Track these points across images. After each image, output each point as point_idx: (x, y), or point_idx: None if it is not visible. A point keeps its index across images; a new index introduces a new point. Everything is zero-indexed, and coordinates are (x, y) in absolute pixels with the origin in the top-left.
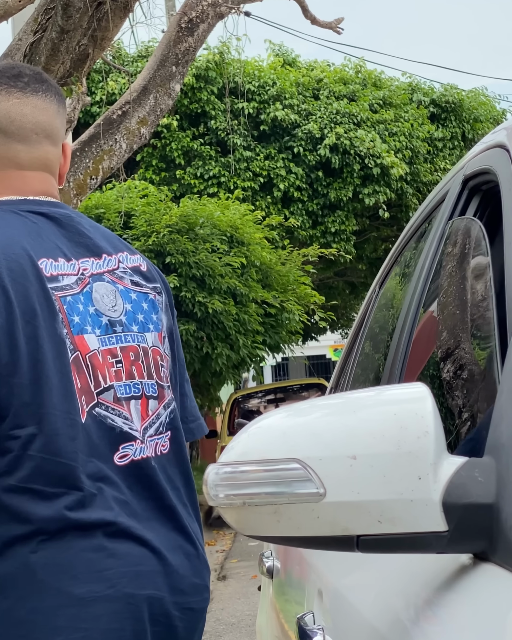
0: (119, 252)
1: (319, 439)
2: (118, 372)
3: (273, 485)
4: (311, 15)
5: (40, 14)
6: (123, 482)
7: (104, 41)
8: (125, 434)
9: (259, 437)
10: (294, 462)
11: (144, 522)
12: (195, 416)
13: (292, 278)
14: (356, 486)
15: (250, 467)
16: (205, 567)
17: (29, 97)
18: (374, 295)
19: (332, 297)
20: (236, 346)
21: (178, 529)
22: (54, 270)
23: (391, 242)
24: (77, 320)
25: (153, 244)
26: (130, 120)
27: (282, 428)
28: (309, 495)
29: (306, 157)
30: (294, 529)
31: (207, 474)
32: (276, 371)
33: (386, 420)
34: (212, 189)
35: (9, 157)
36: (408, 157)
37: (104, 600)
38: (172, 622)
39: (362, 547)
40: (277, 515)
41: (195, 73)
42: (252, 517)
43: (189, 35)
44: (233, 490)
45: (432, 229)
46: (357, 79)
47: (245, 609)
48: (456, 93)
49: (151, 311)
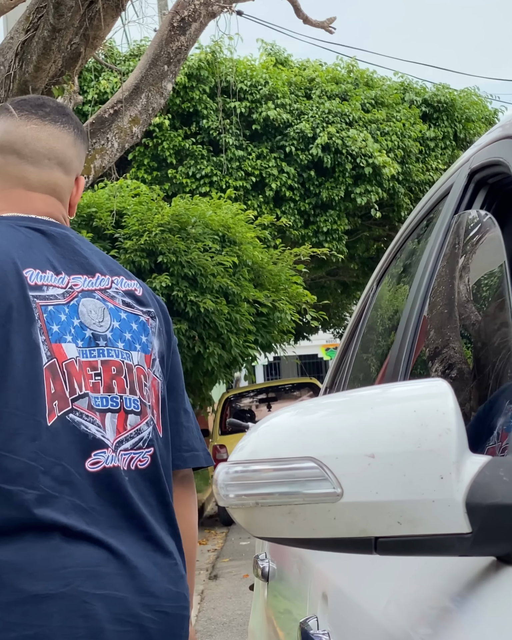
0: (114, 275)
1: (335, 436)
2: (96, 384)
3: (287, 485)
4: (303, 14)
5: (32, 12)
6: (93, 488)
7: (95, 40)
8: (98, 441)
9: (270, 436)
10: (309, 461)
11: (109, 529)
12: (191, 447)
13: (284, 277)
14: (375, 486)
15: (262, 466)
16: (180, 580)
17: (46, 125)
18: (371, 292)
19: (324, 296)
20: (228, 345)
21: (147, 539)
22: (39, 280)
23: (382, 241)
24: (56, 329)
25: (145, 243)
26: (122, 119)
27: (295, 425)
28: (325, 495)
29: (297, 157)
30: (309, 530)
31: (217, 474)
32: (267, 370)
33: (405, 417)
34: (204, 188)
35: (18, 177)
36: (400, 157)
37: (57, 598)
38: (142, 623)
39: (380, 550)
40: (292, 516)
41: (187, 72)
42: (265, 518)
43: (181, 34)
44: (245, 490)
45: (435, 224)
46: (349, 79)
47: (236, 608)
48: (448, 93)
49: (140, 332)
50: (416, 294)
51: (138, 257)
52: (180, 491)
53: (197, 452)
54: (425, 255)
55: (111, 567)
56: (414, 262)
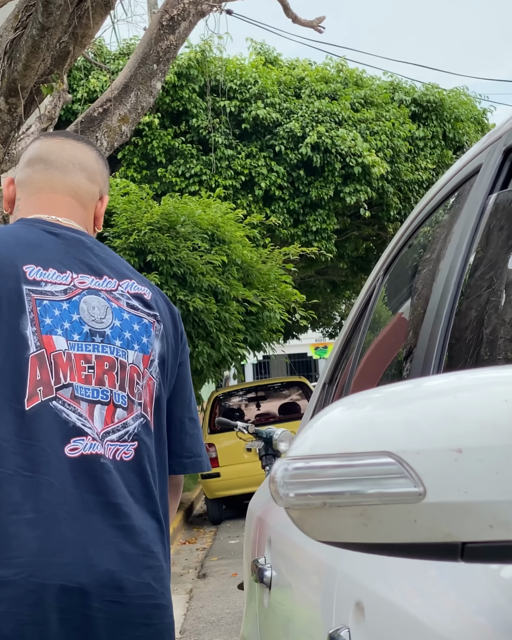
0: (124, 279)
1: (415, 428)
2: (88, 376)
3: (360, 483)
4: (292, 13)
5: (21, 10)
6: (70, 472)
7: (84, 38)
8: (77, 428)
9: (335, 429)
10: (385, 456)
11: (80, 512)
12: (193, 453)
13: (273, 276)
14: (462, 484)
15: (330, 462)
16: (146, 570)
17: (69, 141)
18: (376, 283)
19: (313, 295)
20: (217, 344)
21: (119, 527)
22: (39, 277)
23: (372, 240)
24: (48, 321)
25: (134, 242)
26: (112, 118)
27: (367, 417)
28: (404, 495)
29: (287, 156)
30: (384, 534)
31: (275, 471)
32: (257, 369)
33: (496, 406)
34: (193, 187)
35: (45, 181)
36: (389, 156)
37: (7, 585)
38: (89, 612)
39: (468, 557)
40: (364, 518)
41: (176, 71)
42: (332, 520)
43: (171, 33)
44: (308, 489)
45: (462, 206)
46: (338, 78)
47: (225, 607)
48: (437, 92)
49: (141, 333)
50: (445, 280)
51: (127, 256)
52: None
53: (199, 458)
54: (453, 239)
55: (66, 557)
56: (438, 248)
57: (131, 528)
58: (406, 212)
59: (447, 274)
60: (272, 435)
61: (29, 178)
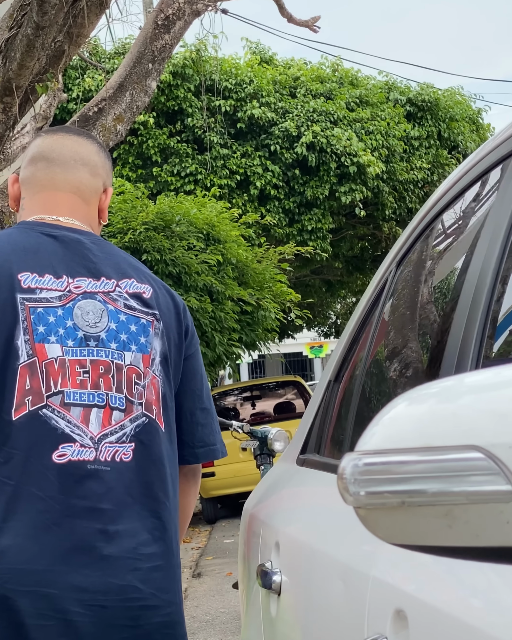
0: (123, 278)
1: (507, 420)
2: (84, 381)
3: (444, 480)
4: (287, 13)
5: (16, 10)
6: (57, 479)
7: (79, 38)
8: (66, 435)
9: (411, 421)
10: (473, 451)
11: (62, 519)
12: (205, 442)
13: (268, 276)
14: None
15: (409, 457)
16: (132, 573)
17: (71, 136)
18: (388, 275)
19: (308, 295)
20: (212, 344)
21: (103, 532)
22: (34, 284)
23: (367, 240)
24: (42, 329)
25: (129, 241)
26: (107, 117)
27: (449, 408)
28: (495, 493)
29: (282, 155)
30: (471, 537)
31: (344, 467)
32: (252, 369)
33: None
34: (188, 186)
35: (47, 179)
36: (384, 156)
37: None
38: (69, 617)
39: None
40: (450, 519)
41: (172, 70)
42: (411, 522)
43: (166, 32)
44: (384, 487)
45: (502, 189)
46: (334, 78)
47: (219, 607)
48: (432, 92)
49: (139, 334)
50: (483, 268)
51: None
52: (184, 483)
53: (213, 446)
54: (489, 224)
55: (42, 564)
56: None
57: (117, 532)
58: (401, 211)
59: (481, 265)
60: (267, 435)
61: (33, 176)
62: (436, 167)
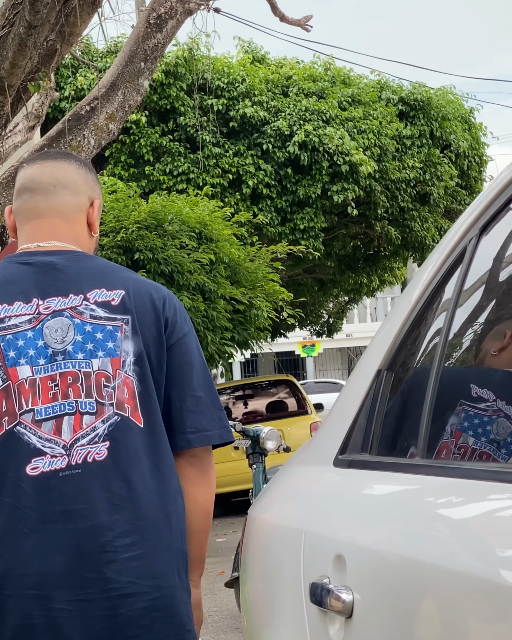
0: (93, 289)
1: None
2: (55, 394)
3: None
4: (279, 12)
5: (8, 8)
6: (32, 489)
7: (72, 36)
8: (38, 449)
9: None
10: None
11: (39, 524)
12: (197, 428)
13: (260, 275)
14: None
15: None
16: (109, 565)
17: (48, 162)
18: (468, 244)
19: (300, 294)
20: (204, 342)
21: (77, 530)
22: (2, 314)
23: (359, 239)
24: (12, 354)
25: (122, 240)
26: (99, 116)
27: None
28: None
29: (274, 154)
30: None
31: None
32: (244, 367)
33: None
34: (181, 185)
35: (32, 209)
36: (377, 155)
37: None
38: (53, 614)
39: None
40: None
41: (164, 69)
42: None
43: (158, 31)
44: None
45: None
46: (326, 77)
47: (211, 605)
48: (425, 91)
49: (106, 340)
50: None
51: (114, 254)
52: (188, 471)
53: (207, 432)
54: None
55: (24, 568)
56: None
57: (91, 528)
58: (393, 210)
59: None
60: (260, 434)
61: (20, 208)
62: (428, 166)
